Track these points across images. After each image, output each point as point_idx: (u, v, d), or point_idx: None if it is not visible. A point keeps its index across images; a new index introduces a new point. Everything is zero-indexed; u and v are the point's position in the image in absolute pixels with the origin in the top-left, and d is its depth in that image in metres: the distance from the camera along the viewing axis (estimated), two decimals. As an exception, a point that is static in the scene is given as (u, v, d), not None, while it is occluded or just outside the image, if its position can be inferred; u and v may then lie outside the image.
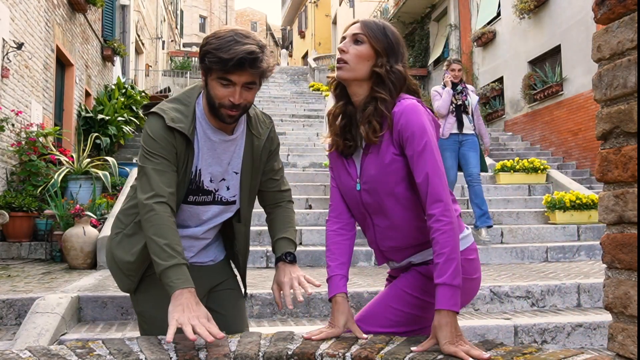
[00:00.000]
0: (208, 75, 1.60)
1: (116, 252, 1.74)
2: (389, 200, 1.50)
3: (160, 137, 1.62)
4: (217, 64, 1.53)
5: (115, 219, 1.81)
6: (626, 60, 0.90)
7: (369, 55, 1.49)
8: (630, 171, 0.89)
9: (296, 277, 1.68)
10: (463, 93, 5.58)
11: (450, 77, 5.61)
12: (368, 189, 1.52)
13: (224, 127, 1.70)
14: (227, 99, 1.57)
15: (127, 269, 1.72)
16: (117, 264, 1.74)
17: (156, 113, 1.66)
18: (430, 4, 16.78)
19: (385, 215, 1.53)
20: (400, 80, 1.49)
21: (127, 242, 1.72)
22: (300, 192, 6.78)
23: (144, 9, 17.38)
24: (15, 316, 3.25)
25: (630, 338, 0.88)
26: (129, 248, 1.71)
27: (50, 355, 1.27)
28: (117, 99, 9.95)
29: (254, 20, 51.80)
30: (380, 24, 1.53)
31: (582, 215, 6.27)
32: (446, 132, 5.49)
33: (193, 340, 1.34)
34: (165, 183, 1.59)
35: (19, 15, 6.44)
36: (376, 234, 1.58)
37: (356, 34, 1.50)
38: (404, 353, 1.29)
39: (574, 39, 10.06)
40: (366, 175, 1.51)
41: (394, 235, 1.55)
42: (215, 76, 1.57)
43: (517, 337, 3.16)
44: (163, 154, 1.62)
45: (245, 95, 1.60)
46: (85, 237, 4.74)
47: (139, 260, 1.68)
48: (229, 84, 1.56)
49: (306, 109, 14.37)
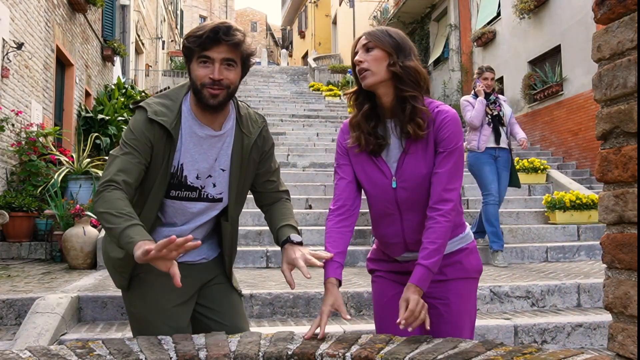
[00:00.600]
0: (190, 62, 1.65)
1: (108, 249, 1.77)
2: (425, 195, 1.60)
3: (137, 130, 1.65)
4: (194, 42, 1.60)
5: None
6: (626, 60, 0.90)
7: (383, 57, 1.59)
8: (630, 171, 0.89)
9: (307, 252, 1.67)
10: (496, 103, 5.18)
11: (483, 86, 5.16)
12: (406, 187, 1.61)
13: (210, 122, 1.71)
14: (207, 77, 1.61)
15: (118, 265, 1.74)
16: (111, 261, 1.77)
17: (141, 106, 1.69)
18: (430, 4, 16.78)
19: (419, 210, 1.61)
20: (416, 73, 1.59)
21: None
22: (300, 192, 6.78)
23: (144, 9, 17.38)
24: (15, 316, 3.26)
25: (630, 338, 0.88)
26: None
27: (50, 355, 1.27)
28: (117, 99, 9.95)
29: (254, 20, 51.81)
30: (382, 29, 1.65)
31: (582, 215, 6.27)
32: (482, 145, 5.05)
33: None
34: (124, 172, 1.60)
35: (19, 15, 6.44)
36: (405, 228, 1.65)
37: (365, 44, 1.62)
38: (404, 353, 1.29)
39: (574, 39, 10.06)
40: (406, 174, 1.61)
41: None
42: (195, 58, 1.63)
43: (517, 337, 3.17)
44: (135, 145, 1.63)
45: (226, 74, 1.63)
46: (85, 237, 4.74)
47: (128, 256, 1.65)
48: (207, 62, 1.61)
49: (306, 109, 14.37)
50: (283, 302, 3.44)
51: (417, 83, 1.59)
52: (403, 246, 1.69)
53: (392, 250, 1.73)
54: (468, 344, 1.32)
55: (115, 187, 1.56)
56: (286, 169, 8.18)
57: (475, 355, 1.23)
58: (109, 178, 1.58)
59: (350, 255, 4.98)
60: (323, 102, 16.45)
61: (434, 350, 1.30)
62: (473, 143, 5.11)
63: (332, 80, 20.42)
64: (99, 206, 1.56)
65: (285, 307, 3.44)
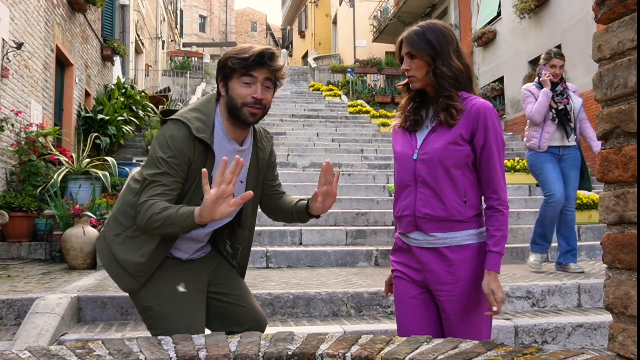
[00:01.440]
0: (228, 80, 1.76)
1: (119, 253, 1.77)
2: (441, 174, 1.73)
3: (177, 148, 1.68)
4: (239, 64, 1.72)
5: (112, 219, 1.83)
6: (627, 60, 0.90)
7: (423, 65, 1.77)
8: (631, 171, 0.89)
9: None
10: (564, 95, 4.40)
11: (549, 74, 4.40)
12: (425, 160, 1.75)
13: (238, 137, 1.83)
14: (250, 96, 1.73)
15: (135, 270, 1.75)
16: (122, 264, 1.77)
17: (180, 121, 1.72)
18: (430, 4, 16.78)
19: (433, 185, 1.74)
20: (454, 74, 1.75)
21: (132, 243, 1.76)
22: (300, 192, 6.77)
23: (143, 8, 17.37)
24: (15, 316, 3.25)
25: (631, 338, 0.88)
26: (135, 249, 1.74)
27: (50, 355, 1.26)
28: (116, 98, 9.95)
29: (254, 20, 51.79)
30: (419, 32, 1.77)
31: (582, 215, 6.27)
32: (544, 144, 4.33)
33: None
34: (161, 195, 1.66)
35: (18, 15, 6.44)
36: (417, 200, 1.77)
37: (408, 52, 1.78)
38: (404, 353, 1.29)
39: (575, 38, 10.06)
40: (427, 148, 1.76)
41: (436, 205, 1.75)
42: (236, 77, 1.74)
43: (518, 337, 3.16)
44: (173, 164, 1.68)
45: (266, 94, 1.74)
46: (85, 237, 4.74)
47: (150, 261, 1.73)
48: (250, 82, 1.73)
49: (306, 109, 14.37)
50: (283, 303, 3.44)
51: (455, 82, 1.75)
52: (413, 221, 1.78)
53: (404, 226, 1.82)
54: (468, 344, 1.32)
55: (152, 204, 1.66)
56: (286, 169, 8.17)
57: (476, 355, 1.23)
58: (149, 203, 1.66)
59: (350, 255, 4.98)
60: (323, 102, 16.44)
61: (434, 350, 1.30)
62: (533, 141, 4.40)
63: (332, 80, 20.41)
64: (142, 219, 1.63)
65: (285, 307, 3.44)
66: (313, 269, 4.74)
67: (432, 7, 16.89)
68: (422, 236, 1.78)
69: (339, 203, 6.37)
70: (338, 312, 3.45)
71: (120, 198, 1.88)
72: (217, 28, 46.91)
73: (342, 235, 5.53)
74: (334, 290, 3.51)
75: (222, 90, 1.79)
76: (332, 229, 5.58)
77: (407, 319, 1.84)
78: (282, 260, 4.87)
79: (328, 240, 5.48)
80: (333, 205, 1.87)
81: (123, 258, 1.76)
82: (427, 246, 1.78)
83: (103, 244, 1.84)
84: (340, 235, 5.53)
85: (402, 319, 1.87)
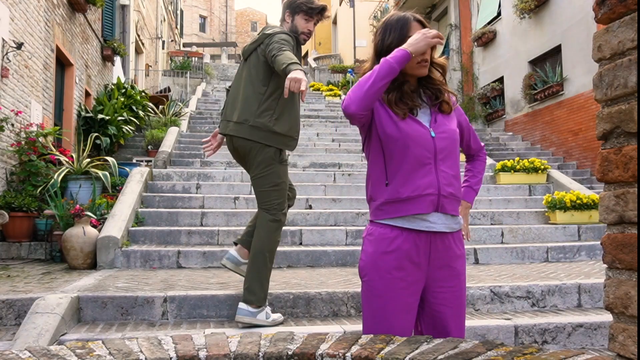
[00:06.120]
0: (295, 14, 3.08)
1: (276, 128, 2.97)
2: (456, 154, 1.85)
3: (291, 40, 3.02)
4: (307, 8, 3.07)
5: (259, 109, 2.99)
6: (627, 60, 0.90)
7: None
8: (631, 171, 0.89)
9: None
10: None
11: None
12: (444, 137, 1.80)
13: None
14: (307, 29, 3.11)
15: (291, 132, 3.06)
16: (280, 134, 3.00)
17: (286, 32, 3.04)
18: (430, 4, 16.78)
19: (450, 164, 1.80)
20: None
21: (283, 120, 3.02)
22: (300, 192, 6.76)
23: (143, 8, 17.37)
24: (15, 316, 3.25)
25: (631, 338, 0.88)
26: (286, 122, 3.03)
27: (50, 355, 1.26)
28: (117, 98, 9.95)
29: (254, 20, 51.79)
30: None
31: (582, 215, 6.27)
32: None
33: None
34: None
35: (18, 15, 6.44)
36: (440, 179, 1.77)
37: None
38: (404, 353, 1.29)
39: (575, 38, 10.06)
40: (441, 127, 1.81)
41: (456, 184, 1.81)
42: (302, 15, 3.07)
43: (518, 337, 3.16)
44: (292, 46, 3.05)
45: (313, 29, 3.16)
46: (85, 237, 4.74)
47: (295, 127, 3.12)
48: (307, 19, 3.09)
49: (306, 109, 14.36)
50: (283, 302, 3.44)
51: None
52: (436, 200, 1.74)
53: (420, 206, 1.73)
54: (468, 344, 1.32)
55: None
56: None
57: (476, 355, 1.23)
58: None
59: (350, 255, 4.98)
60: (323, 102, 16.44)
61: (434, 350, 1.30)
62: None
63: (332, 80, 20.42)
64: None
65: (285, 307, 3.44)
66: (313, 269, 4.73)
67: (432, 7, 16.88)
68: (441, 218, 1.75)
69: (339, 203, 6.43)
70: (338, 312, 3.46)
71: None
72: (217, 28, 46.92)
73: (342, 235, 5.53)
74: (334, 290, 3.51)
75: (288, 19, 3.09)
76: (332, 229, 5.58)
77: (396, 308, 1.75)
78: (282, 260, 4.87)
79: (328, 240, 5.48)
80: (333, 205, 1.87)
81: (281, 129, 2.99)
82: (443, 230, 1.75)
83: (262, 123, 2.98)
84: (340, 235, 5.53)
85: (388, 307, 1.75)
